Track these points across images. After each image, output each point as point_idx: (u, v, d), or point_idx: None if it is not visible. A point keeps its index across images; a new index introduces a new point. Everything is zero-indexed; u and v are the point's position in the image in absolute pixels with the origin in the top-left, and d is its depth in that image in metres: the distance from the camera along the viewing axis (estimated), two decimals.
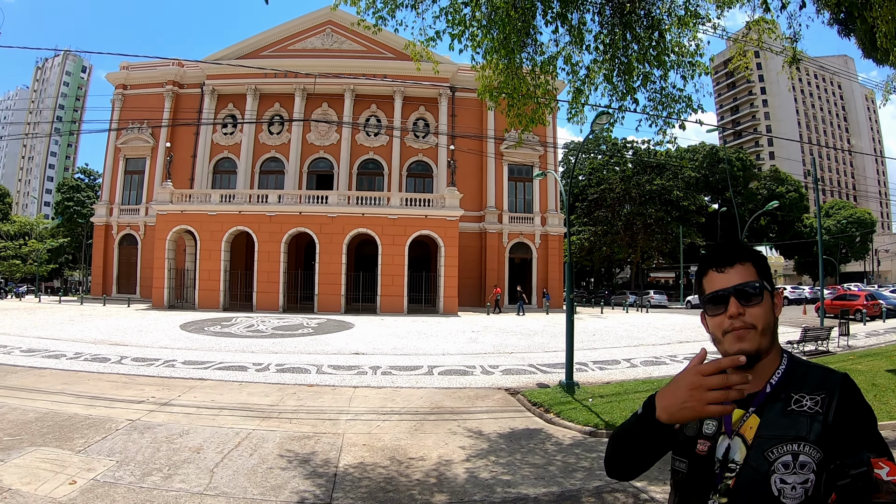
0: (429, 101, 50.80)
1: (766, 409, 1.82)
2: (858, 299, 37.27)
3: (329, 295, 38.97)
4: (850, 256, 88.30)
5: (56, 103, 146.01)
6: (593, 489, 7.45)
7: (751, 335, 1.84)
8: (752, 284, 1.88)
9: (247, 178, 48.86)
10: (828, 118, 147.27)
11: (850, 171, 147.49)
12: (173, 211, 39.97)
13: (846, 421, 1.70)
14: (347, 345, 21.96)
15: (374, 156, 50.25)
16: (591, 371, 16.91)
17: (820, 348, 20.74)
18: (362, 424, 10.48)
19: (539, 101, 10.30)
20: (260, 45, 50.74)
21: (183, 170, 48.04)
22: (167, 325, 27.48)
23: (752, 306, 1.86)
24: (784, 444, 1.72)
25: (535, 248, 49.98)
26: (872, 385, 13.63)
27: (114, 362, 16.59)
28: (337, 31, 50.40)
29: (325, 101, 50.14)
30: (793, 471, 1.68)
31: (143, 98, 50.81)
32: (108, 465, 7.67)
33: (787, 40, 10.11)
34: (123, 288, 49.41)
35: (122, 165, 51.31)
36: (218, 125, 50.14)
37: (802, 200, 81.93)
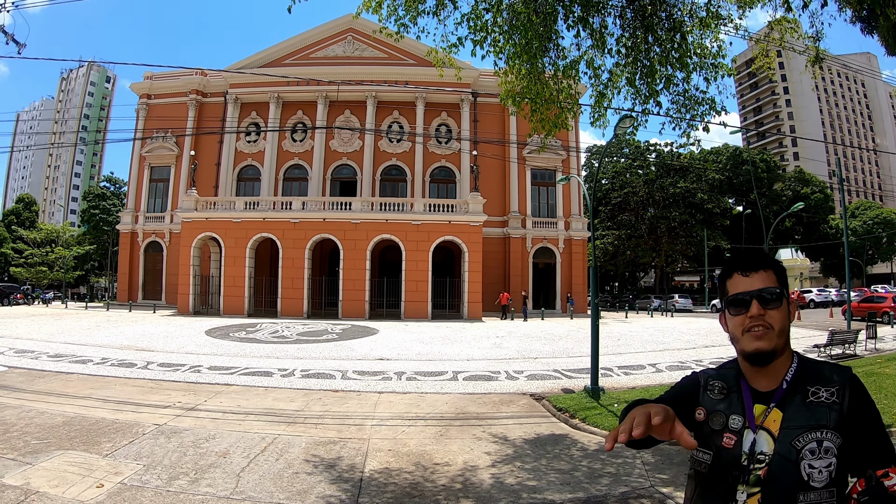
0: (451, 106, 50.89)
1: (787, 402, 2.01)
2: (886, 301, 36.75)
3: (353, 301, 39.08)
4: (877, 258, 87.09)
5: (81, 113, 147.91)
6: (619, 495, 7.40)
7: (768, 335, 2.04)
8: (772, 290, 2.08)
9: (271, 185, 49.21)
10: (852, 117, 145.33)
11: (875, 171, 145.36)
12: (198, 218, 40.29)
13: (858, 408, 1.94)
14: (372, 350, 22.00)
15: (397, 162, 50.45)
16: (617, 376, 16.84)
17: (847, 352, 20.50)
18: (388, 430, 10.50)
19: (562, 105, 10.29)
20: (282, 54, 51.15)
21: (207, 177, 48.48)
22: (192, 330, 27.71)
23: (771, 309, 2.06)
24: (809, 433, 1.92)
25: (559, 252, 49.85)
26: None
27: (140, 367, 16.76)
28: (358, 38, 50.66)
29: (347, 108, 50.48)
30: (819, 456, 1.89)
31: (167, 107, 51.47)
32: (136, 469, 7.72)
33: (810, 39, 10.03)
34: (149, 294, 49.91)
35: (147, 173, 51.96)
36: (241, 133, 50.54)
37: (828, 201, 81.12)
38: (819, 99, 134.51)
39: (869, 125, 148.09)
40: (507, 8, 8.67)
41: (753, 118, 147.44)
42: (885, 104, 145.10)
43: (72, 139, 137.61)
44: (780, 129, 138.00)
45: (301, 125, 51.01)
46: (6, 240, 77.04)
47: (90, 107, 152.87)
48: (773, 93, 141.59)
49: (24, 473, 7.30)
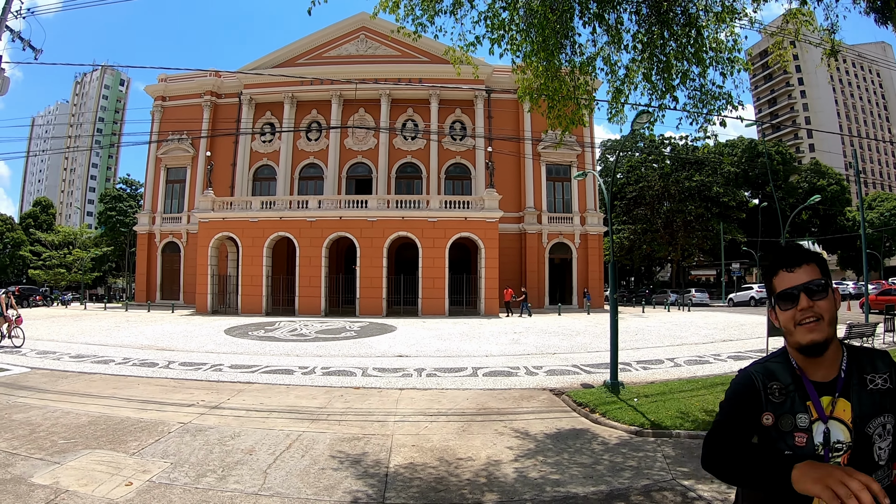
0: (465, 103, 50.96)
1: (852, 392, 2.16)
2: None
3: (370, 298, 39.25)
4: (895, 250, 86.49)
5: (95, 116, 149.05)
6: (641, 488, 7.45)
7: (820, 326, 2.15)
8: (818, 282, 2.19)
9: (286, 184, 49.45)
10: (867, 107, 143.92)
11: (892, 162, 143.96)
12: (215, 218, 40.53)
13: None
14: (391, 347, 22.10)
15: (412, 159, 50.60)
16: (635, 371, 16.84)
17: (865, 345, 20.36)
18: (410, 426, 10.57)
19: (578, 101, 10.35)
20: (295, 54, 51.39)
21: (223, 178, 48.77)
22: (212, 330, 27.91)
23: (819, 300, 2.17)
24: (876, 418, 2.10)
25: (575, 247, 49.85)
26: None
27: (162, 367, 16.89)
28: (371, 37, 50.82)
29: (361, 106, 50.66)
30: (883, 437, 2.09)
31: (182, 109, 51.85)
32: (163, 467, 7.79)
33: (825, 32, 10.05)
34: (167, 294, 50.32)
35: (163, 175, 52.45)
36: (256, 133, 50.80)
37: (844, 193, 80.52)
38: (834, 90, 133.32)
39: (885, 115, 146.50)
40: (524, 5, 8.72)
41: (768, 110, 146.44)
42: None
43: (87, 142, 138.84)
44: (795, 120, 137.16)
45: (316, 124, 51.23)
46: (24, 242, 77.80)
47: (105, 110, 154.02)
48: (788, 84, 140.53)
49: (52, 473, 7.37)
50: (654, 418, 10.68)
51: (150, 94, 54.05)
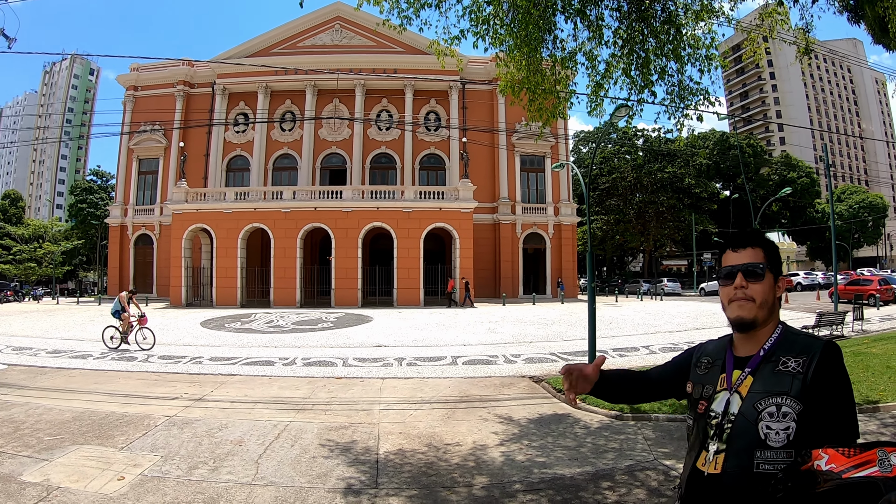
0: (439, 94, 50.97)
1: (759, 370, 2.22)
2: (872, 284, 37.22)
3: (346, 289, 39.27)
4: (863, 241, 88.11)
5: (65, 107, 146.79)
6: (625, 468, 7.72)
7: (749, 306, 2.27)
8: (757, 265, 2.30)
9: (260, 175, 49.17)
10: (838, 102, 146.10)
11: (861, 156, 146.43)
12: (189, 210, 40.31)
13: (822, 381, 2.06)
14: (368, 338, 22.23)
15: (387, 150, 50.55)
16: (612, 358, 17.11)
17: (835, 333, 20.86)
18: (395, 414, 10.73)
19: (559, 95, 10.52)
20: (269, 43, 51.01)
21: (196, 169, 48.41)
22: (188, 322, 27.86)
23: (754, 282, 2.28)
24: (770, 398, 2.11)
25: (549, 238, 50.12)
26: (887, 367, 13.82)
27: (141, 361, 16.85)
28: (346, 26, 50.61)
29: (336, 96, 50.39)
30: (776, 419, 2.07)
31: (155, 99, 51.23)
32: (154, 461, 7.82)
33: (800, 31, 10.28)
34: (140, 287, 49.48)
35: (135, 166, 51.77)
36: (230, 124, 50.45)
37: (814, 186, 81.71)
38: (805, 84, 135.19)
39: (855, 110, 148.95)
40: (508, 0, 8.85)
41: (740, 103, 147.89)
42: (871, 90, 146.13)
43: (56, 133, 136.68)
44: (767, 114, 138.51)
45: (290, 114, 50.94)
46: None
47: (74, 100, 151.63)
48: (760, 78, 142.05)
49: (42, 470, 7.33)
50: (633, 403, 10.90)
51: (121, 84, 53.31)
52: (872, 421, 9.86)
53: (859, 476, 1.73)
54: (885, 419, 10.04)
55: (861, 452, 1.78)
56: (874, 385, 11.97)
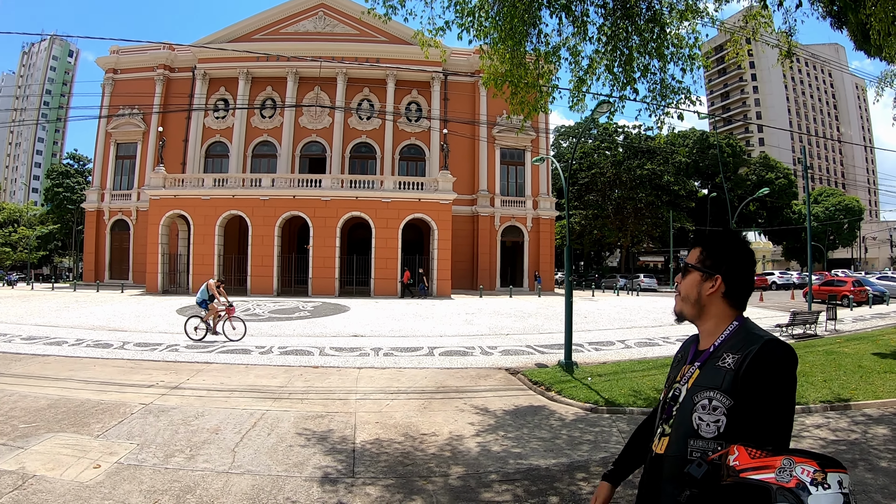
0: (421, 84, 50.89)
1: (704, 365, 2.30)
2: (846, 285, 37.75)
3: (323, 278, 39.18)
4: (838, 243, 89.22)
5: (43, 88, 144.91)
6: (600, 460, 7.83)
7: (677, 300, 2.52)
8: (686, 264, 2.48)
9: (239, 162, 48.83)
10: (818, 105, 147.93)
11: (839, 159, 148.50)
12: (166, 195, 40.00)
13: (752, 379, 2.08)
14: (345, 327, 22.23)
15: (367, 139, 50.36)
16: (588, 352, 17.30)
17: (808, 332, 21.20)
18: (372, 403, 10.77)
19: (541, 89, 10.56)
20: (252, 29, 50.57)
21: (175, 154, 47.94)
22: (163, 309, 27.67)
23: (682, 278, 2.49)
24: (704, 391, 2.20)
25: (527, 231, 50.28)
26: (858, 367, 14.13)
27: (116, 348, 16.72)
28: (329, 14, 50.35)
29: (317, 84, 50.15)
30: (708, 411, 2.15)
31: (134, 82, 50.63)
32: (130, 449, 7.79)
33: (782, 34, 10.39)
34: (116, 274, 49.36)
35: (113, 150, 51.13)
36: (210, 109, 50.02)
37: (791, 187, 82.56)
38: (786, 87, 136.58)
39: (834, 114, 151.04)
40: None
41: (721, 103, 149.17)
42: (851, 94, 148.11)
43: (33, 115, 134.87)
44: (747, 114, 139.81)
45: (270, 101, 50.59)
46: None
47: (52, 82, 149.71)
48: (741, 79, 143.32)
49: (17, 458, 7.27)
50: (607, 396, 11.15)
51: (101, 67, 52.61)
52: (843, 418, 10.05)
53: (754, 479, 1.80)
54: (855, 416, 10.25)
55: (768, 456, 1.83)
56: (846, 383, 12.23)
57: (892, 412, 10.64)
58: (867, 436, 9.06)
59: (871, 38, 9.60)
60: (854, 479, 7.02)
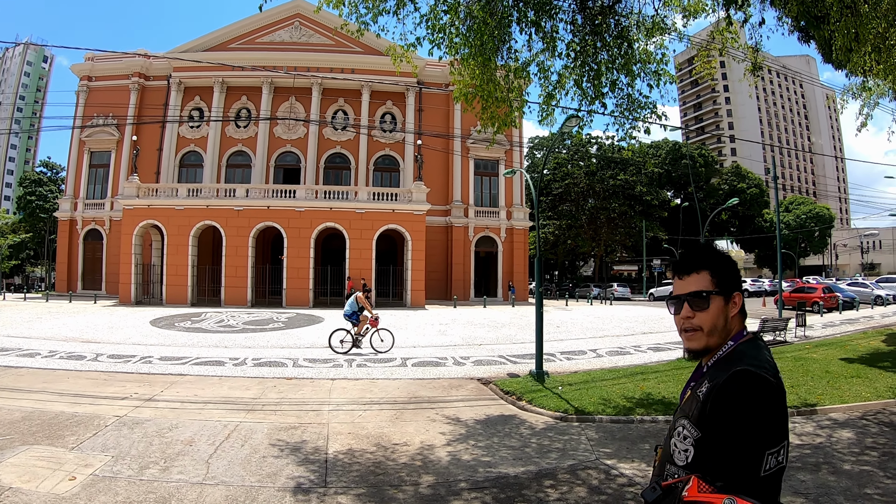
0: (396, 95, 50.93)
1: (692, 388, 2.26)
2: (816, 292, 38.40)
3: (297, 289, 39.08)
4: (810, 250, 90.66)
5: (16, 95, 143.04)
6: (568, 467, 8.02)
7: (697, 336, 2.25)
8: (700, 293, 2.24)
9: (213, 171, 48.57)
10: (789, 116, 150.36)
11: (810, 168, 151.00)
12: (140, 205, 39.72)
13: (717, 412, 2.01)
14: (319, 338, 22.16)
15: (342, 150, 50.27)
16: (559, 361, 17.50)
17: (778, 338, 21.55)
18: (345, 414, 10.87)
19: (512, 104, 10.75)
20: (227, 38, 50.37)
21: (149, 163, 47.56)
22: (137, 321, 27.42)
23: (700, 311, 2.24)
24: (681, 419, 2.19)
25: (501, 241, 50.47)
26: (826, 372, 14.48)
27: (90, 360, 16.61)
28: (305, 24, 50.26)
29: (292, 94, 50.03)
30: (680, 439, 2.14)
31: (109, 90, 50.15)
32: (105, 461, 7.82)
33: (749, 49, 10.66)
34: (89, 284, 48.83)
35: (86, 159, 50.51)
36: (184, 119, 49.72)
37: (763, 196, 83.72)
38: (758, 98, 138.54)
39: (805, 125, 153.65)
40: (465, 9, 9.03)
41: (693, 114, 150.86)
42: (822, 105, 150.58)
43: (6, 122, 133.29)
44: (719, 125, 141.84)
45: (245, 111, 50.32)
46: None
47: (26, 88, 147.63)
48: (713, 90, 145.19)
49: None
50: (577, 405, 11.34)
51: (75, 74, 51.94)
52: (809, 423, 10.32)
53: None
54: (821, 421, 10.55)
55: (713, 493, 1.87)
56: (813, 389, 12.57)
57: (857, 416, 11.00)
58: (832, 440, 9.35)
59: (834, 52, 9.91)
60: (818, 482, 7.29)
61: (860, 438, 9.43)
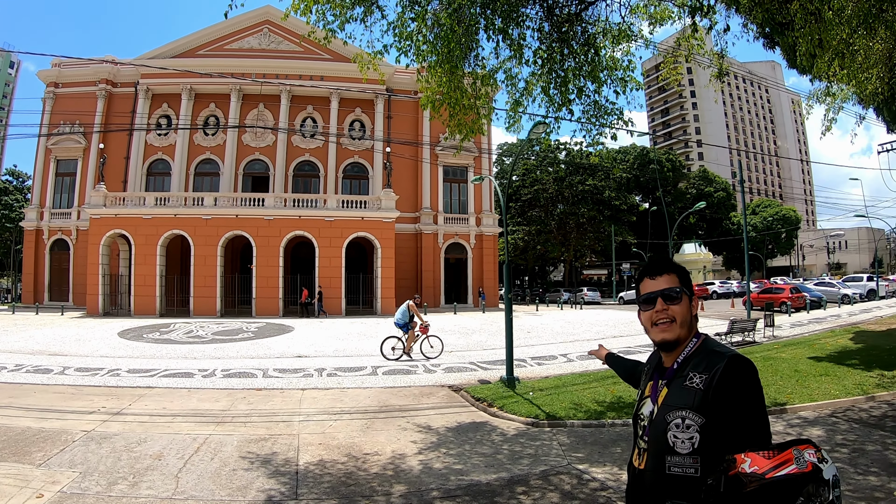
0: (365, 103, 50.94)
1: (672, 383, 2.48)
2: (784, 292, 38.96)
3: (267, 298, 38.88)
4: (777, 251, 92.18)
5: None
6: (540, 473, 8.04)
7: (672, 326, 2.53)
8: (674, 289, 2.55)
9: (181, 180, 48.07)
10: (755, 121, 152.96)
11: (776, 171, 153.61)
12: (107, 214, 39.29)
13: (723, 395, 2.25)
14: (289, 348, 22.11)
15: (310, 157, 50.08)
16: (530, 367, 17.55)
17: (747, 339, 21.84)
18: (315, 425, 10.79)
19: (479, 111, 10.78)
20: (196, 44, 49.97)
21: (116, 172, 46.92)
22: (105, 333, 27.10)
23: (673, 304, 2.54)
24: (676, 410, 2.36)
25: (470, 248, 50.65)
26: (795, 371, 14.70)
27: (57, 373, 16.32)
28: (274, 31, 50.02)
29: (261, 101, 49.70)
30: (682, 430, 2.32)
31: (76, 97, 49.35)
32: (73, 477, 7.68)
33: (715, 55, 10.79)
34: (56, 295, 48.03)
35: (52, 167, 49.63)
36: (152, 126, 49.15)
37: (730, 199, 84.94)
38: (724, 103, 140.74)
39: (771, 128, 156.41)
40: (432, 17, 9.04)
41: (661, 119, 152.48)
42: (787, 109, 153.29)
43: None
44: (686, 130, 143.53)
45: (213, 119, 49.89)
46: None
47: None
48: (681, 96, 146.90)
49: None
50: (549, 410, 11.37)
51: (42, 80, 51.04)
52: (780, 422, 10.44)
53: (781, 475, 1.95)
54: (791, 420, 10.70)
55: (779, 453, 2.01)
56: (782, 388, 12.73)
57: (827, 413, 11.16)
58: (802, 438, 9.38)
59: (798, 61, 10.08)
60: None
61: (830, 436, 9.58)
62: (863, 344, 20.18)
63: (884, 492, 6.98)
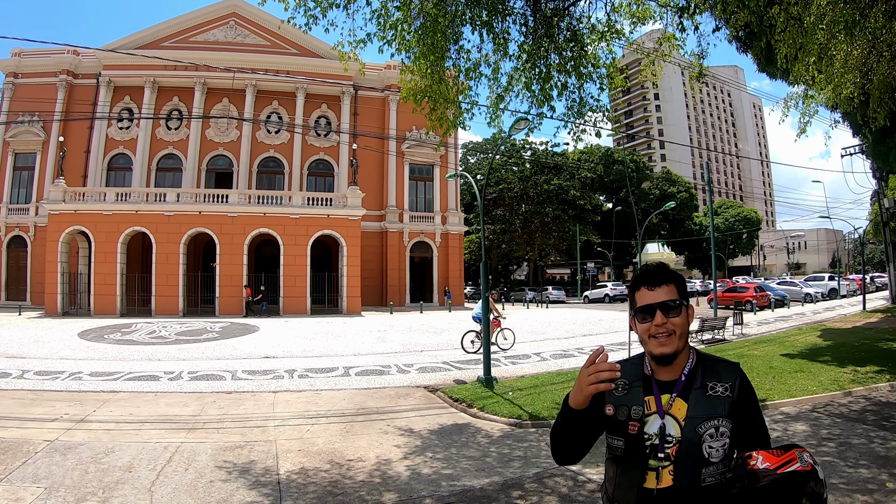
0: (331, 98, 50.35)
1: (690, 395, 2.40)
2: (748, 291, 39.61)
3: (230, 297, 38.18)
4: (738, 251, 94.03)
5: None
6: (533, 476, 7.85)
7: (671, 340, 2.41)
8: (674, 301, 2.44)
9: (143, 175, 47.05)
10: (717, 123, 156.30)
11: (737, 173, 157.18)
12: (66, 210, 38.29)
13: (744, 400, 2.38)
14: (256, 349, 21.66)
15: (275, 154, 49.43)
16: (505, 366, 17.50)
17: (717, 336, 22.10)
18: (292, 430, 10.45)
19: (461, 105, 10.56)
20: (160, 36, 48.88)
21: (76, 166, 45.71)
22: (64, 333, 26.25)
23: (673, 317, 2.42)
24: (709, 421, 2.32)
25: (436, 246, 50.50)
26: (770, 368, 14.92)
27: (15, 377, 15.60)
28: (241, 23, 49.27)
29: (225, 95, 48.89)
30: (716, 438, 2.31)
31: (36, 87, 47.89)
32: (37, 493, 7.19)
33: (694, 56, 10.69)
34: (12, 294, 46.72)
35: (10, 161, 48.14)
36: (113, 119, 48.11)
37: (692, 200, 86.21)
38: (687, 105, 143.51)
39: (733, 131, 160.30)
40: (417, 7, 8.77)
41: (625, 121, 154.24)
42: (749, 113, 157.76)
43: None
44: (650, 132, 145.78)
45: (177, 112, 48.93)
46: None
47: None
48: (645, 98, 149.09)
49: None
50: (531, 410, 11.27)
51: (1, 70, 49.50)
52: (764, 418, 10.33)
53: (790, 471, 2.08)
54: (773, 415, 10.80)
55: (785, 453, 2.14)
56: (760, 385, 12.90)
57: (808, 409, 11.34)
58: (788, 433, 9.61)
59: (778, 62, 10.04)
60: None
61: (815, 430, 9.72)
62: (832, 341, 20.56)
63: (876, 483, 7.11)
